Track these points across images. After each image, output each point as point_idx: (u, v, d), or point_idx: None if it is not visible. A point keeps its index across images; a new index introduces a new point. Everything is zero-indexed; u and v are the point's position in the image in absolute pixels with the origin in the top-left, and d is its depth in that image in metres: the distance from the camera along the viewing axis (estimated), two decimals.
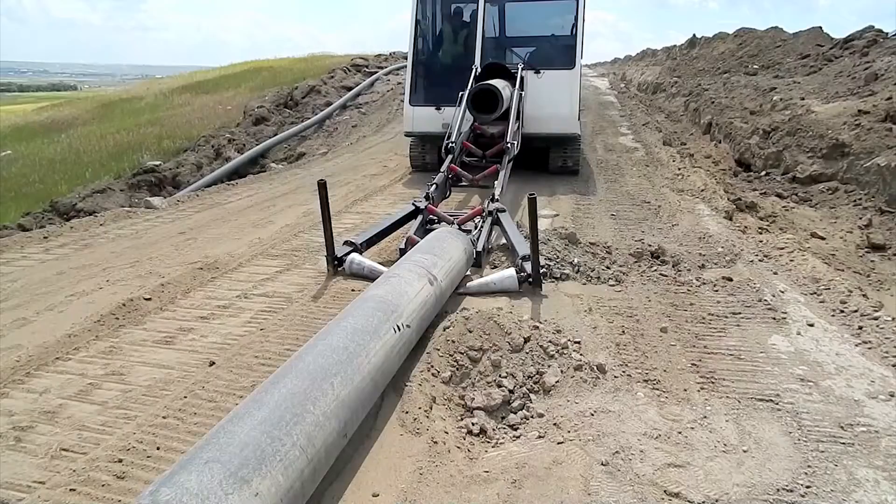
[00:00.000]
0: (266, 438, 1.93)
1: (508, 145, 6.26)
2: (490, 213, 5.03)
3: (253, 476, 1.78)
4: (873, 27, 12.80)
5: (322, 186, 4.28)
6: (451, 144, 6.23)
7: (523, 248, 4.33)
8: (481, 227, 4.90)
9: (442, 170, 5.99)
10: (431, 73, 8.46)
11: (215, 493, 1.67)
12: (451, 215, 5.30)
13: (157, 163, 12.71)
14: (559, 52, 8.08)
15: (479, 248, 4.57)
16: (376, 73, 19.54)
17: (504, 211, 5.07)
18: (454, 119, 6.49)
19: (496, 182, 5.75)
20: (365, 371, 2.51)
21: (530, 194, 3.94)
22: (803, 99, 9.49)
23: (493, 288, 4.14)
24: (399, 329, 2.89)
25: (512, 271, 4.19)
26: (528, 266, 4.12)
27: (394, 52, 23.88)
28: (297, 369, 2.34)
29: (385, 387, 2.80)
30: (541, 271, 4.11)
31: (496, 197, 5.33)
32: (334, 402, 2.25)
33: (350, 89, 17.57)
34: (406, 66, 8.51)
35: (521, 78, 7.23)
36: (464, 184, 6.45)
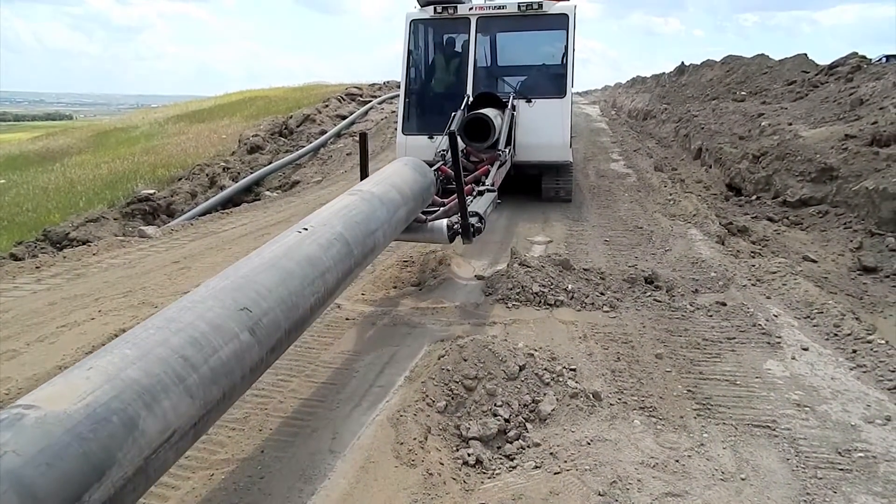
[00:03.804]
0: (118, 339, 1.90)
1: (499, 152, 6.32)
2: (480, 192, 5.23)
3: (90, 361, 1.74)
4: (857, 54, 13.08)
5: (363, 137, 4.47)
6: (441, 152, 6.25)
7: (476, 207, 4.59)
8: (471, 202, 4.94)
9: (433, 169, 5.98)
10: (424, 103, 8.54)
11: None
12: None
13: (152, 191, 12.69)
14: (550, 80, 8.20)
15: (469, 221, 4.43)
16: (370, 101, 19.74)
17: (493, 192, 5.29)
18: (443, 139, 6.53)
19: (486, 178, 5.78)
20: (254, 263, 2.44)
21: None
22: (791, 124, 9.65)
23: (423, 238, 4.34)
24: (306, 230, 2.86)
25: (443, 223, 4.30)
26: (473, 220, 4.30)
27: (387, 82, 24.17)
28: None
29: (319, 274, 2.68)
30: (470, 227, 4.27)
31: (486, 183, 5.51)
32: (207, 291, 2.19)
33: (344, 118, 17.72)
34: (399, 96, 8.60)
35: (513, 105, 7.32)
36: (453, 186, 6.48)
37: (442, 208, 4.63)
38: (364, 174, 4.40)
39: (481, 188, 5.35)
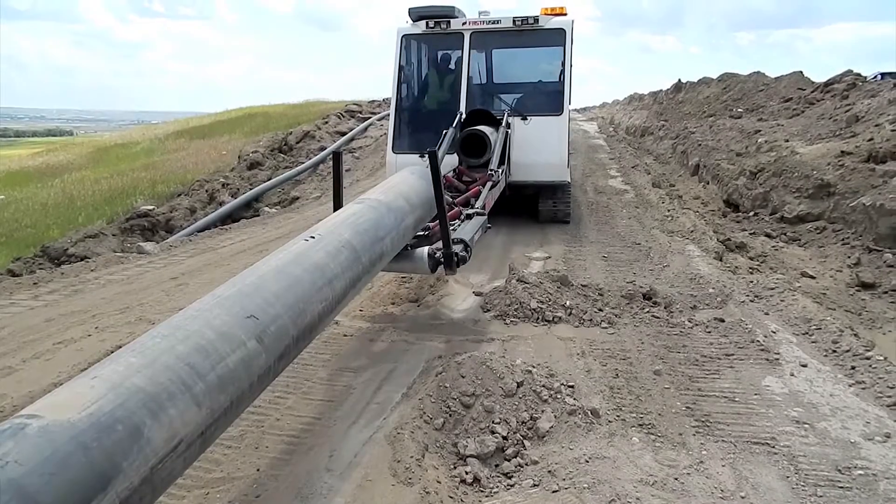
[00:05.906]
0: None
1: (491, 172, 6.04)
2: (469, 216, 4.93)
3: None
4: (852, 71, 13.21)
5: (336, 157, 4.37)
6: None
7: (462, 233, 4.31)
8: (457, 228, 4.69)
9: None
10: (415, 120, 8.39)
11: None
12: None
13: (151, 207, 12.73)
14: (546, 97, 8.09)
15: (453, 250, 4.15)
16: (369, 118, 19.89)
17: (483, 216, 5.00)
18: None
19: (477, 200, 5.60)
20: (262, 271, 2.47)
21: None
22: (787, 141, 9.72)
23: (402, 268, 4.15)
24: (313, 238, 2.92)
25: (424, 251, 4.06)
26: (457, 249, 4.05)
27: (387, 98, 24.34)
28: None
29: (327, 281, 2.69)
30: (454, 256, 4.00)
31: (475, 205, 5.22)
32: (214, 299, 2.20)
33: (344, 134, 17.85)
34: (389, 113, 8.52)
35: (507, 123, 7.20)
36: None
37: (425, 233, 4.36)
38: (337, 195, 4.26)
39: (470, 211, 5.01)
